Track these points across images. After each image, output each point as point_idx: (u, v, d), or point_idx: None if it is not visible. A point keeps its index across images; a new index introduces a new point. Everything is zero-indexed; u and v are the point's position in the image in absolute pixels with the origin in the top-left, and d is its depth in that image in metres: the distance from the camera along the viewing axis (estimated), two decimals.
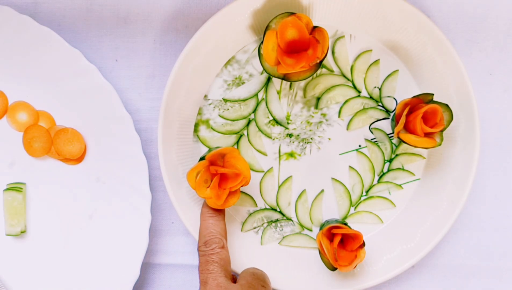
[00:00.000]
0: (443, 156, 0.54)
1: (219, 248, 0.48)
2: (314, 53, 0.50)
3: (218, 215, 0.50)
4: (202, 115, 0.54)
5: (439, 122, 0.51)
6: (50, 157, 0.55)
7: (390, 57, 0.54)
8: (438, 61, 0.53)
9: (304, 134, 0.55)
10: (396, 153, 0.55)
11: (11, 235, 0.54)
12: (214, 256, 0.47)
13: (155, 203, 0.56)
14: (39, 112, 0.54)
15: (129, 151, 0.53)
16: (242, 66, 0.54)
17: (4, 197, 0.54)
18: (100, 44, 0.55)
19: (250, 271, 0.49)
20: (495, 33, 0.56)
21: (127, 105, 0.55)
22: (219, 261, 0.47)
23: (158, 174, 0.55)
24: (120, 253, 0.53)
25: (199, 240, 0.49)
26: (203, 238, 0.49)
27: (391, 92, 0.55)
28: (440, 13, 0.55)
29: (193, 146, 0.54)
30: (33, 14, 0.54)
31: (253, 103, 0.55)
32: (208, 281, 0.46)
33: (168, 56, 0.55)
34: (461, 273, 0.57)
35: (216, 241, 0.48)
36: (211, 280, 0.46)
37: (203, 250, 0.48)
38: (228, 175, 0.50)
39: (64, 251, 0.55)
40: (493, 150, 0.57)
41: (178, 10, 0.55)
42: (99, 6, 0.55)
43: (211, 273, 0.47)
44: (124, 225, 0.54)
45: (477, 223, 0.57)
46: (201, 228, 0.50)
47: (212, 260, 0.47)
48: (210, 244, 0.48)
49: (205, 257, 0.48)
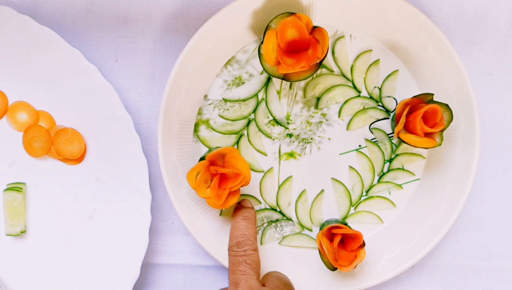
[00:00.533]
0: (443, 156, 0.54)
1: (252, 250, 0.48)
2: (314, 53, 0.50)
3: (250, 219, 0.50)
4: (202, 115, 0.54)
5: (439, 122, 0.51)
6: (50, 157, 0.55)
7: (390, 57, 0.54)
8: (438, 61, 0.53)
9: (304, 134, 0.55)
10: (396, 153, 0.55)
11: (11, 235, 0.54)
12: (247, 257, 0.47)
13: (155, 203, 0.56)
14: (39, 112, 0.54)
15: (129, 151, 0.53)
16: (242, 66, 0.54)
17: (4, 197, 0.54)
18: (100, 44, 0.55)
19: (275, 275, 0.49)
20: (495, 33, 0.56)
21: (127, 105, 0.55)
22: (252, 263, 0.47)
23: (158, 174, 0.55)
24: (120, 253, 0.53)
25: (231, 241, 0.49)
26: (235, 239, 0.49)
27: (391, 92, 0.55)
28: (440, 13, 0.55)
29: (193, 146, 0.54)
30: (33, 14, 0.54)
31: (253, 103, 0.55)
32: (240, 283, 0.46)
33: (168, 56, 0.55)
34: (461, 273, 0.57)
35: (249, 243, 0.48)
36: (243, 281, 0.46)
37: (235, 251, 0.48)
38: (228, 175, 0.50)
39: (64, 251, 0.55)
40: (493, 150, 0.57)
41: (178, 10, 0.55)
42: (99, 6, 0.55)
43: (243, 274, 0.46)
44: (124, 225, 0.54)
45: (477, 223, 0.57)
46: (232, 229, 0.50)
47: (244, 261, 0.47)
48: (243, 245, 0.48)
49: (237, 258, 0.47)
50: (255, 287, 0.46)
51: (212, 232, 0.53)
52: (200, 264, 0.56)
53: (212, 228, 0.53)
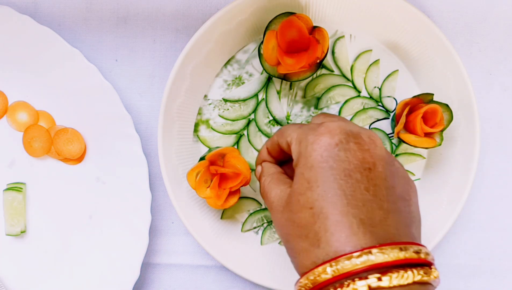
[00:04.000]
0: (443, 156, 0.54)
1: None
2: (314, 53, 0.50)
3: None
4: (202, 115, 0.54)
5: (439, 122, 0.51)
6: (50, 157, 0.55)
7: (390, 57, 0.54)
8: (438, 61, 0.53)
9: None
10: (396, 153, 0.55)
11: (11, 235, 0.54)
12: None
13: (155, 203, 0.56)
14: (39, 112, 0.54)
15: (129, 151, 0.53)
16: (242, 66, 0.54)
17: (4, 197, 0.54)
18: (100, 44, 0.55)
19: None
20: (495, 33, 0.56)
21: (127, 105, 0.55)
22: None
23: (158, 174, 0.55)
24: (120, 253, 0.53)
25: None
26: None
27: (391, 92, 0.55)
28: (440, 13, 0.55)
29: (193, 146, 0.54)
30: (33, 14, 0.54)
31: (253, 103, 0.55)
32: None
33: (168, 56, 0.55)
34: (461, 273, 0.57)
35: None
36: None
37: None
38: (228, 175, 0.50)
39: (64, 251, 0.55)
40: (493, 150, 0.57)
41: (178, 10, 0.55)
42: (99, 6, 0.55)
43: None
44: (124, 225, 0.54)
45: (477, 223, 0.57)
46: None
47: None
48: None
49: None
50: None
51: (212, 232, 0.53)
52: (200, 264, 0.56)
53: (212, 228, 0.53)
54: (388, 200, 0.39)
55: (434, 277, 0.37)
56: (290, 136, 0.43)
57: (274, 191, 0.43)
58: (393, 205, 0.39)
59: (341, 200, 0.38)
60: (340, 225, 0.37)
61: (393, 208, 0.39)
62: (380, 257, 0.36)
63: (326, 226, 0.38)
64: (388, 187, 0.39)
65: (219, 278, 0.56)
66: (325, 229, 0.38)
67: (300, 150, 0.41)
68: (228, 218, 0.54)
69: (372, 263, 0.35)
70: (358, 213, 0.38)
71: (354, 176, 0.39)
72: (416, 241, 0.39)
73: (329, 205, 0.38)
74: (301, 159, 0.41)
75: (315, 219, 0.38)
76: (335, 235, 0.37)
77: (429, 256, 0.38)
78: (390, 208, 0.39)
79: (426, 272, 0.36)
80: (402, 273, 0.35)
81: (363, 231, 0.37)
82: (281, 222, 0.42)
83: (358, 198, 0.38)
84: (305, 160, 0.40)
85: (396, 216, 0.39)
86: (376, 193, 0.39)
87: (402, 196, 0.40)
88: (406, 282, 0.35)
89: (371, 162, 0.39)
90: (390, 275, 0.35)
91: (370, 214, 0.38)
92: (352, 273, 0.36)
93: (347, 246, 0.37)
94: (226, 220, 0.54)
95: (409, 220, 0.40)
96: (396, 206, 0.39)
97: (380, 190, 0.39)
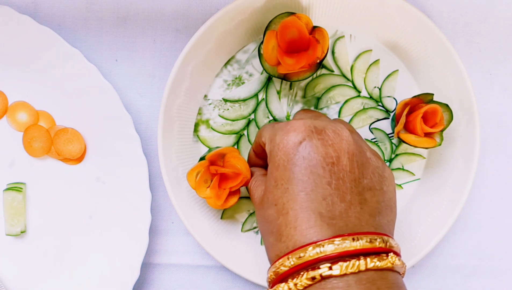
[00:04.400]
0: (443, 156, 0.54)
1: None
2: (314, 53, 0.50)
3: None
4: (202, 115, 0.54)
5: (439, 122, 0.51)
6: (50, 157, 0.55)
7: (390, 57, 0.54)
8: (438, 61, 0.53)
9: None
10: (396, 153, 0.55)
11: (11, 235, 0.54)
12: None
13: (155, 203, 0.56)
14: (39, 112, 0.54)
15: (129, 151, 0.53)
16: (242, 66, 0.54)
17: (4, 197, 0.54)
18: (100, 44, 0.55)
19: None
20: (495, 33, 0.56)
21: (127, 105, 0.55)
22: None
23: (158, 174, 0.55)
24: (120, 253, 0.53)
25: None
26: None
27: (391, 92, 0.55)
28: (440, 13, 0.55)
29: (193, 146, 0.54)
30: (33, 14, 0.54)
31: (253, 103, 0.55)
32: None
33: (168, 56, 0.55)
34: (461, 273, 0.57)
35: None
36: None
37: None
38: (228, 175, 0.50)
39: (64, 251, 0.55)
40: (493, 150, 0.57)
41: (178, 10, 0.55)
42: (99, 6, 0.55)
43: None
44: (124, 225, 0.54)
45: (477, 223, 0.57)
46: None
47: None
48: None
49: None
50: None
51: (212, 232, 0.53)
52: (200, 264, 0.56)
53: (212, 228, 0.53)
54: (351, 192, 0.41)
55: (391, 263, 0.38)
56: (264, 136, 0.46)
57: (256, 193, 0.46)
58: (357, 196, 0.41)
59: (301, 196, 0.40)
60: (299, 220, 0.40)
61: (357, 199, 0.41)
62: (331, 247, 0.38)
63: (286, 221, 0.40)
64: (353, 179, 0.41)
65: (219, 278, 0.56)
66: (285, 224, 0.40)
67: (270, 150, 0.43)
68: (228, 218, 0.54)
69: (325, 255, 0.38)
70: (317, 207, 0.40)
71: (316, 171, 0.40)
72: (383, 229, 0.41)
73: (290, 201, 0.40)
74: (270, 158, 0.43)
75: (278, 215, 0.41)
76: (294, 229, 0.40)
77: (388, 243, 0.39)
78: (353, 200, 0.40)
79: (380, 259, 0.38)
80: (354, 262, 0.37)
81: (320, 224, 0.39)
82: (258, 219, 0.44)
83: (319, 193, 0.40)
84: (273, 159, 0.42)
85: (360, 207, 0.40)
86: (338, 187, 0.40)
87: (371, 186, 0.42)
88: (358, 270, 0.37)
89: (334, 156, 0.41)
90: (341, 265, 0.37)
91: (330, 207, 0.40)
92: (306, 264, 0.38)
93: (305, 239, 0.39)
94: (226, 220, 0.54)
95: (377, 210, 0.41)
96: (361, 197, 0.41)
97: (344, 183, 0.41)
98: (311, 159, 0.41)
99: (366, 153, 0.43)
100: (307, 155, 0.41)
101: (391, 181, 0.44)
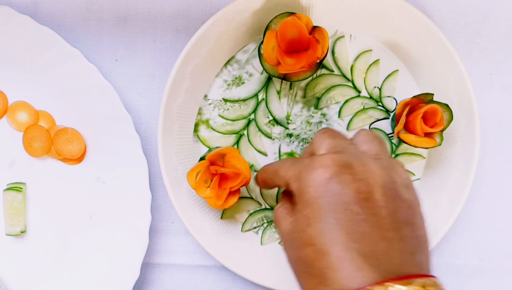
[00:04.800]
0: (443, 156, 0.54)
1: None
2: (314, 53, 0.50)
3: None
4: (202, 115, 0.54)
5: (439, 122, 0.51)
6: (50, 157, 0.55)
7: (390, 57, 0.54)
8: (438, 61, 0.53)
9: (304, 134, 0.55)
10: (396, 153, 0.55)
11: (11, 235, 0.54)
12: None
13: (155, 203, 0.56)
14: (39, 112, 0.54)
15: (129, 151, 0.53)
16: (242, 66, 0.54)
17: (4, 197, 0.54)
18: (100, 44, 0.55)
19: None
20: (495, 33, 0.56)
21: (127, 105, 0.55)
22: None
23: (158, 174, 0.55)
24: (120, 253, 0.53)
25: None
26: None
27: (391, 92, 0.55)
28: (440, 13, 0.55)
29: (193, 146, 0.54)
30: (33, 14, 0.54)
31: (253, 103, 0.55)
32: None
33: (168, 56, 0.55)
34: (461, 273, 0.57)
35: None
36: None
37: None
38: (228, 175, 0.50)
39: (64, 251, 0.55)
40: (493, 150, 0.57)
41: (178, 10, 0.55)
42: (99, 6, 0.55)
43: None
44: (124, 225, 0.54)
45: (477, 223, 0.57)
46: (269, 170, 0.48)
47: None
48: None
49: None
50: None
51: (212, 232, 0.53)
52: (200, 264, 0.56)
53: (212, 228, 0.53)
54: (389, 229, 0.38)
55: None
56: (287, 175, 0.43)
57: (284, 222, 0.43)
58: (396, 233, 0.38)
59: (341, 235, 0.38)
60: (342, 261, 0.37)
61: (396, 236, 0.38)
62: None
63: (328, 263, 0.37)
64: (389, 214, 0.39)
65: (219, 278, 0.56)
66: (327, 266, 0.37)
67: (297, 187, 0.41)
68: (228, 218, 0.54)
69: None
70: (359, 247, 0.37)
71: (351, 208, 0.38)
72: (427, 269, 0.39)
73: (329, 241, 0.38)
74: (299, 196, 0.41)
75: (318, 256, 0.38)
76: (339, 271, 0.37)
77: (438, 287, 0.37)
78: (393, 237, 0.38)
79: None
80: None
81: (366, 266, 0.37)
82: (289, 258, 0.42)
83: (358, 231, 0.38)
84: (303, 196, 0.40)
85: (400, 244, 0.38)
86: (376, 224, 0.38)
87: (407, 221, 0.40)
88: None
89: (367, 191, 0.39)
90: None
91: (373, 247, 0.37)
92: None
93: (352, 283, 0.36)
94: (226, 220, 0.54)
95: (416, 246, 0.39)
96: (400, 233, 0.39)
97: (381, 219, 0.38)
98: (344, 195, 0.38)
99: (395, 185, 0.40)
100: (340, 191, 0.39)
101: (420, 213, 0.41)
